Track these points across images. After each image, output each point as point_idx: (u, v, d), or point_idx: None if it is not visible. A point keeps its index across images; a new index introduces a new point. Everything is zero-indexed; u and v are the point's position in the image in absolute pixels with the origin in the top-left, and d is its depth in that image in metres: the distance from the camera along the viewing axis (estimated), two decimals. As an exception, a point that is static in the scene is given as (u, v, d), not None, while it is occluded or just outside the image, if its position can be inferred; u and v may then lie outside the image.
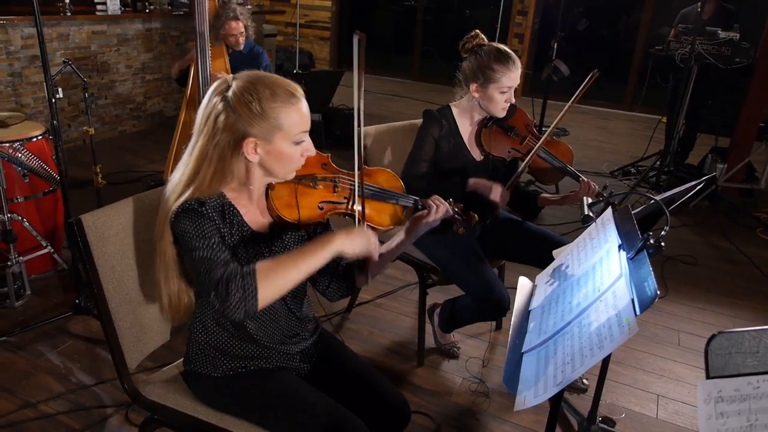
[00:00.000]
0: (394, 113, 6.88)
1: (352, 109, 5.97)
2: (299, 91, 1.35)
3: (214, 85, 1.33)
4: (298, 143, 1.35)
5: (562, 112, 2.23)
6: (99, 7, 5.33)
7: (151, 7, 5.71)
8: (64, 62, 3.07)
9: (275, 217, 1.44)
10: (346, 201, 1.49)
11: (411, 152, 2.26)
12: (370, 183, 1.55)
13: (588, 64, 2.49)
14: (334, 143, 5.46)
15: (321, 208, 1.46)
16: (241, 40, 3.93)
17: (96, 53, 5.26)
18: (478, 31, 2.24)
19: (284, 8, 8.51)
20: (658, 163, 5.01)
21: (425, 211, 1.58)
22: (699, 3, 5.07)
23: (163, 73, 5.92)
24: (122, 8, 5.44)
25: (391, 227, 1.55)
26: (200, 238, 1.26)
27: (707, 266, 3.79)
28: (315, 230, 1.56)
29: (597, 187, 2.19)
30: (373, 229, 1.47)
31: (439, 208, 1.58)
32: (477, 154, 2.32)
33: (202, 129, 1.32)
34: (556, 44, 5.40)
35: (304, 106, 1.35)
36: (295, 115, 1.32)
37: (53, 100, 2.59)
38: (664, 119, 5.50)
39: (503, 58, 2.12)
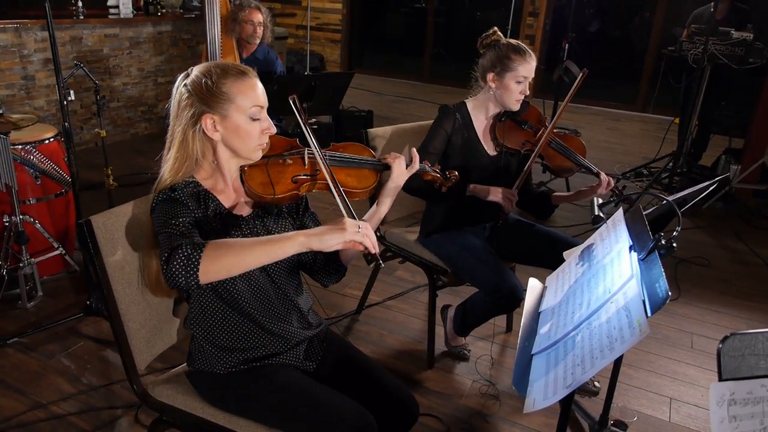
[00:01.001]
0: (406, 115, 6.85)
1: (363, 110, 5.96)
2: (252, 72, 1.43)
3: (180, 76, 1.44)
4: (254, 119, 1.41)
5: (559, 111, 2.36)
6: (111, 10, 5.39)
7: (163, 10, 5.75)
8: (75, 65, 3.09)
9: (253, 198, 1.48)
10: (317, 171, 1.51)
11: (421, 144, 2.28)
12: (337, 152, 1.58)
13: (599, 65, 2.52)
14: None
15: (295, 182, 1.48)
16: (259, 31, 3.82)
17: (108, 56, 5.30)
18: (495, 28, 2.30)
19: (295, 11, 8.52)
20: (671, 164, 4.96)
21: (389, 171, 1.59)
22: (712, 3, 5.03)
23: (174, 76, 5.93)
24: (134, 11, 5.49)
25: (369, 188, 1.57)
26: (169, 218, 1.30)
27: (721, 268, 3.75)
28: (297, 210, 1.59)
29: (613, 181, 2.22)
30: (352, 194, 1.51)
31: (398, 159, 1.58)
32: (491, 149, 2.33)
33: (171, 116, 1.42)
34: (567, 45, 5.38)
35: (256, 83, 1.42)
36: (247, 89, 1.39)
37: (65, 103, 2.61)
38: (677, 120, 5.45)
39: (521, 50, 2.21)
